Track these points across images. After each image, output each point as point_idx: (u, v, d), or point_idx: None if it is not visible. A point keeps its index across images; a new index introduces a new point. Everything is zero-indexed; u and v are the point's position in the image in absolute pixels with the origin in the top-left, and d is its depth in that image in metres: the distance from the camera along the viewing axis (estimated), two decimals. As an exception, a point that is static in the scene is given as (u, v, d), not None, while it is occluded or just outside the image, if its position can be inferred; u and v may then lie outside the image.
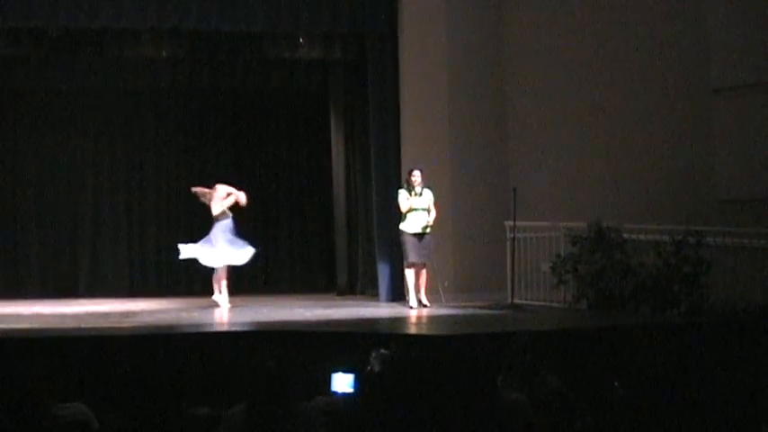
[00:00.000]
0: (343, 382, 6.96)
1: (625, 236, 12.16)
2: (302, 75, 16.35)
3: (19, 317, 12.17)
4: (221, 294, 13.34)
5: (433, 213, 12.99)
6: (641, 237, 12.19)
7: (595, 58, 13.91)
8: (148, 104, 17.61)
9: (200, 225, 17.81)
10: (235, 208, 13.75)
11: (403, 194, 13.02)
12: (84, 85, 16.54)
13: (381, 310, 13.27)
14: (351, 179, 16.25)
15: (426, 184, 13.01)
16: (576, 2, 14.21)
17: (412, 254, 12.95)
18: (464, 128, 14.46)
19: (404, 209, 12.99)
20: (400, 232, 13.07)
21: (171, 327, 10.82)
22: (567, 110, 14.15)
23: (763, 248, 11.47)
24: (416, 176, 12.95)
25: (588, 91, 13.94)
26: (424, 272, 13.05)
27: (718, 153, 12.84)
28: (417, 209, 12.91)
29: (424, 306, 12.91)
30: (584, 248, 12.21)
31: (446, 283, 13.67)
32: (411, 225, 12.93)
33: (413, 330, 10.82)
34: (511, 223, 13.15)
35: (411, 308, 12.87)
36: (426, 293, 13.07)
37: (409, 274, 13.07)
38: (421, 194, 12.91)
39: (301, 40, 14.95)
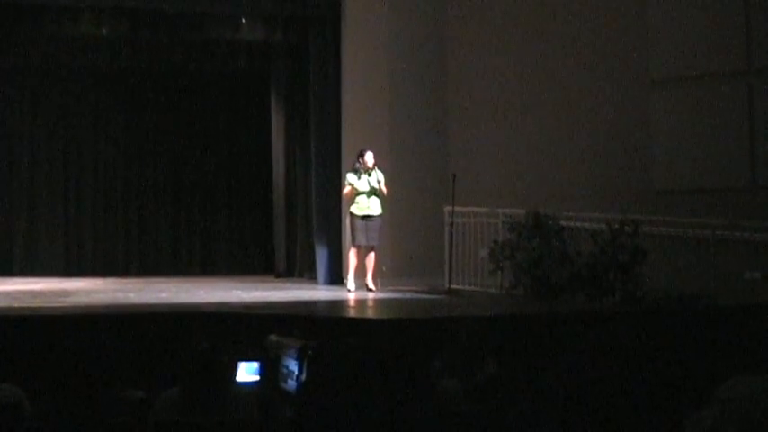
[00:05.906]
0: (247, 371, 6.72)
1: (563, 223, 12.24)
2: (244, 57, 16.19)
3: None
4: None
5: (384, 195, 12.92)
6: (578, 224, 12.28)
7: (536, 47, 13.99)
8: (87, 83, 17.41)
9: (139, 203, 17.80)
10: None
11: (351, 178, 12.91)
12: (22, 62, 16.26)
13: (319, 292, 13.26)
14: (290, 162, 16.18)
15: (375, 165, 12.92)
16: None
17: (360, 236, 12.85)
18: (405, 113, 14.48)
19: (345, 192, 12.99)
20: (349, 214, 12.99)
21: (106, 307, 10.72)
22: (508, 97, 14.23)
23: (699, 238, 11.62)
24: (369, 158, 12.87)
25: (528, 79, 14.02)
26: (371, 255, 12.98)
27: (656, 143, 12.98)
28: (365, 191, 12.84)
29: (370, 290, 12.81)
30: (521, 235, 12.27)
31: (384, 268, 13.67)
32: (360, 207, 12.88)
33: (350, 314, 10.83)
34: (450, 209, 13.18)
35: (349, 291, 12.86)
36: (373, 278, 13.03)
37: (352, 256, 13.03)
38: (370, 176, 12.80)
39: (243, 21, 14.84)
